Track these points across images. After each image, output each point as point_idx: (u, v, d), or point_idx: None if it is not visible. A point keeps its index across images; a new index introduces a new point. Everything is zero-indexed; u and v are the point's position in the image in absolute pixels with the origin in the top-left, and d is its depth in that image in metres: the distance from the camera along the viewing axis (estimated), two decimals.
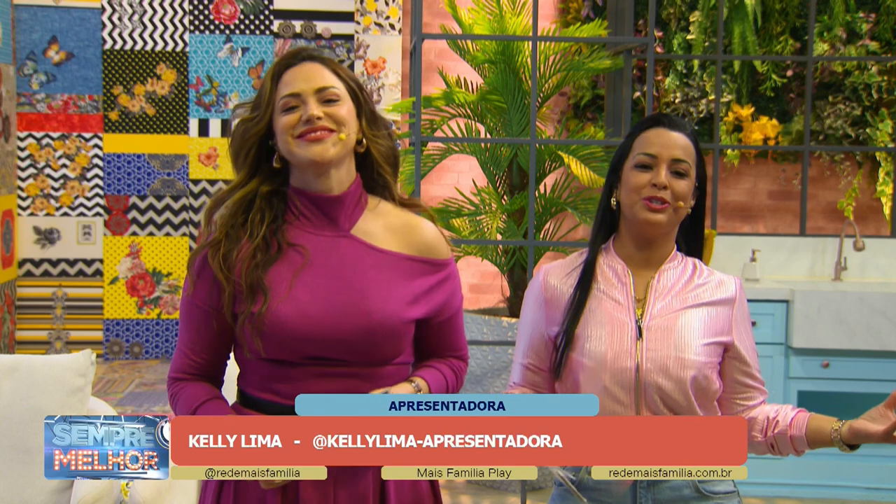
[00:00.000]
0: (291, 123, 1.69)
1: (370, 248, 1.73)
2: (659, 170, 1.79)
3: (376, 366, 1.70)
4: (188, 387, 1.73)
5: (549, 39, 4.18)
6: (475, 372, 4.18)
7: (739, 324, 1.86)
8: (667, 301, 1.83)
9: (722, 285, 1.87)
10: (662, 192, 1.78)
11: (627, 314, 1.82)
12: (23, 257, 5.89)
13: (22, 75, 5.82)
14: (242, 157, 1.74)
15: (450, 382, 1.80)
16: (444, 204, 4.56)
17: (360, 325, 1.67)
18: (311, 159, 1.67)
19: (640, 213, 1.80)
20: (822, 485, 4.12)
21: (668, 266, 1.87)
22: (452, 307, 1.80)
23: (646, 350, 1.79)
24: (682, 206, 1.81)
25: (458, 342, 1.84)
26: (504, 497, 4.11)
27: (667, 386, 1.77)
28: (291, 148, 1.69)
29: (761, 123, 5.19)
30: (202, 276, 1.71)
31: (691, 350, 1.79)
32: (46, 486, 2.54)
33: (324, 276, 1.69)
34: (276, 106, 1.71)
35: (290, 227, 1.73)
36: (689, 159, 1.81)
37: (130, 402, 4.97)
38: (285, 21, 5.88)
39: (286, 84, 1.71)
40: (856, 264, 4.57)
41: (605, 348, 1.80)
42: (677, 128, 1.83)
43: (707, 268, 1.91)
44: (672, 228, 1.85)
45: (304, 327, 1.65)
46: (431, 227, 1.80)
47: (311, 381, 1.68)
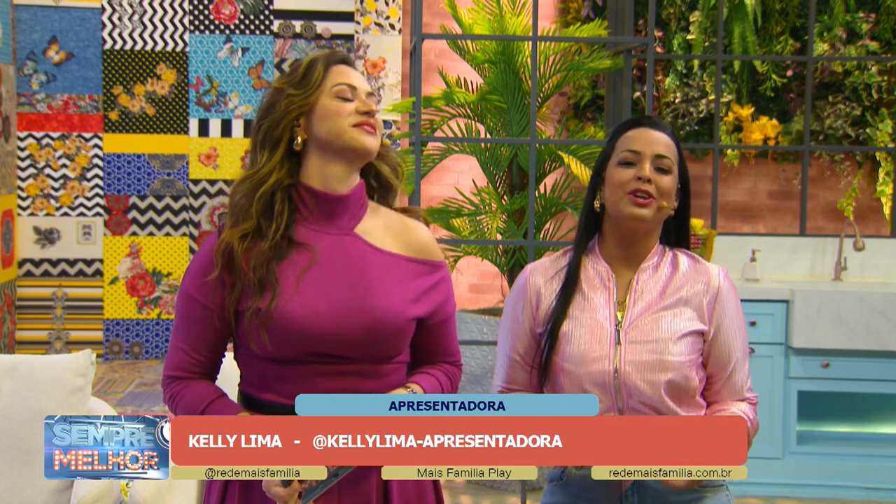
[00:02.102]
0: (349, 111, 1.71)
1: (373, 247, 1.75)
2: (643, 164, 1.82)
3: (378, 363, 1.72)
4: (191, 386, 1.72)
5: (549, 39, 4.18)
6: (475, 372, 4.18)
7: (720, 314, 1.85)
8: (646, 302, 1.84)
9: (704, 276, 1.87)
10: (647, 185, 1.80)
11: (608, 318, 1.84)
12: (23, 257, 5.89)
13: (22, 75, 5.82)
14: (280, 131, 1.72)
15: (445, 388, 1.81)
16: (444, 204, 4.55)
17: (365, 322, 1.68)
18: (365, 148, 1.71)
19: (625, 207, 1.81)
20: (822, 485, 4.12)
21: (647, 264, 1.87)
22: (447, 310, 1.82)
23: (624, 353, 1.80)
24: (666, 204, 1.83)
25: (452, 347, 1.86)
26: (504, 497, 4.11)
27: (645, 389, 1.79)
28: (345, 133, 1.71)
29: (761, 123, 5.19)
30: (209, 271, 1.70)
31: (669, 352, 1.80)
32: (46, 486, 2.54)
33: (330, 274, 1.70)
34: (328, 90, 1.72)
35: (298, 224, 1.73)
36: (672, 157, 1.84)
37: (130, 402, 4.97)
38: (285, 21, 5.88)
39: (341, 73, 1.74)
40: (856, 264, 4.57)
41: (585, 352, 1.82)
42: (658, 127, 1.86)
43: (691, 258, 1.90)
44: (655, 226, 1.86)
45: (313, 324, 1.66)
46: (426, 230, 1.83)
47: (314, 380, 1.68)
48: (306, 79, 1.73)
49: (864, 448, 4.26)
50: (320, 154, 1.72)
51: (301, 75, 1.74)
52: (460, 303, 5.61)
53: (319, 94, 1.72)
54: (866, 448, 4.26)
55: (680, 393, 1.80)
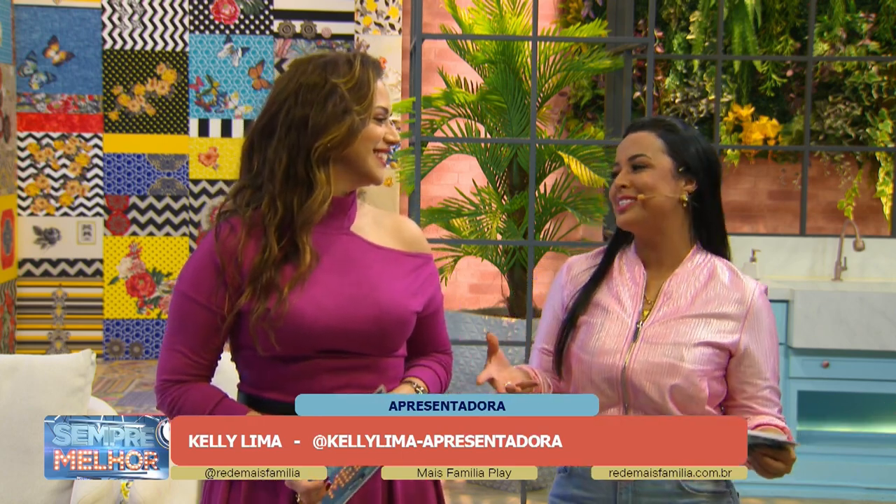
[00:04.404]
0: (380, 136, 1.72)
1: (370, 244, 1.77)
2: (621, 172, 1.87)
3: (381, 357, 1.74)
4: (192, 389, 1.71)
5: (549, 39, 4.18)
6: (475, 372, 4.18)
7: (751, 332, 1.83)
8: (674, 306, 1.84)
9: (738, 291, 1.85)
10: (624, 191, 1.85)
11: (630, 314, 1.85)
12: (23, 257, 5.89)
13: (22, 75, 5.82)
14: (343, 143, 1.68)
15: (442, 379, 1.85)
16: (444, 204, 4.55)
17: (372, 316, 1.70)
18: (378, 179, 1.74)
19: (617, 217, 1.88)
20: (822, 485, 4.12)
21: (682, 269, 1.87)
22: (437, 301, 1.85)
23: (637, 352, 1.81)
24: (646, 196, 1.83)
25: (443, 337, 1.89)
26: (504, 497, 4.11)
27: (650, 390, 1.79)
28: (369, 158, 1.71)
29: (761, 123, 5.19)
30: (208, 272, 1.69)
31: (682, 358, 1.79)
32: (46, 486, 2.54)
33: (333, 271, 1.71)
34: (372, 111, 1.71)
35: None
36: (648, 151, 1.85)
37: (130, 402, 4.97)
38: (285, 21, 5.88)
39: (382, 95, 1.73)
40: (856, 264, 4.57)
41: (600, 344, 1.84)
42: (640, 128, 1.89)
43: (730, 271, 1.89)
44: (657, 222, 1.86)
45: (322, 320, 1.67)
46: (414, 223, 1.87)
47: (318, 376, 1.69)
48: (363, 91, 1.70)
49: (864, 448, 4.26)
50: (337, 165, 1.72)
51: (357, 83, 1.70)
52: (460, 303, 5.61)
53: (370, 115, 1.71)
54: (866, 448, 4.26)
55: (686, 400, 1.80)
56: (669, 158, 1.85)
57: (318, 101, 1.68)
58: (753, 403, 1.84)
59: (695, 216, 1.88)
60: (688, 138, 1.87)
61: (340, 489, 1.62)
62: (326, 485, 1.60)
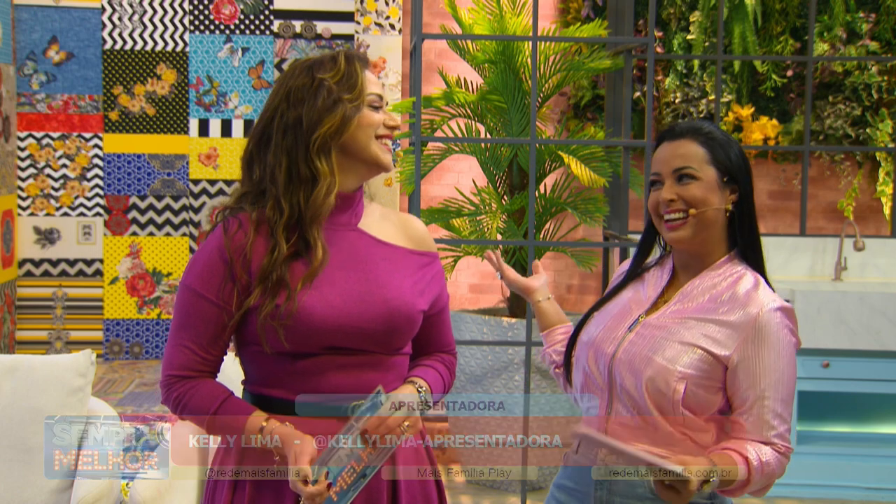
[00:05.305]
0: (379, 122, 1.73)
1: (378, 241, 1.78)
2: (665, 185, 1.82)
3: (388, 355, 1.74)
4: (199, 385, 1.70)
5: (549, 39, 4.18)
6: (475, 372, 4.18)
7: (751, 345, 1.74)
8: (684, 305, 1.82)
9: (749, 305, 1.76)
10: (672, 205, 1.80)
11: (639, 308, 1.86)
12: (23, 257, 5.89)
13: (22, 75, 5.82)
14: (338, 134, 1.70)
15: (445, 379, 1.84)
16: (444, 204, 4.55)
17: (380, 314, 1.70)
18: (386, 164, 1.75)
19: (664, 233, 1.84)
20: (822, 485, 4.12)
21: (709, 273, 1.84)
22: (443, 300, 1.86)
23: (627, 342, 1.81)
24: (699, 211, 1.79)
25: (448, 337, 1.89)
26: (504, 497, 4.11)
27: (627, 381, 1.78)
28: (371, 145, 1.72)
29: (761, 123, 5.19)
30: (217, 268, 1.69)
31: (665, 354, 1.75)
32: (46, 486, 2.54)
33: (341, 269, 1.72)
34: (365, 98, 1.73)
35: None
36: (694, 163, 1.80)
37: (130, 402, 4.97)
38: (285, 21, 5.88)
39: (372, 82, 1.74)
40: (856, 264, 4.57)
41: (601, 332, 1.85)
42: (679, 136, 1.84)
43: (755, 283, 1.80)
44: (706, 233, 1.82)
45: (331, 317, 1.67)
46: (420, 221, 1.88)
47: (324, 373, 1.69)
48: (352, 81, 1.72)
49: (864, 448, 4.26)
50: (340, 157, 1.72)
51: (344, 75, 1.72)
52: (460, 303, 5.61)
53: (362, 102, 1.72)
54: (866, 448, 4.26)
55: (660, 398, 1.74)
56: (714, 168, 1.81)
57: (308, 99, 1.70)
58: (742, 420, 1.75)
59: (731, 222, 1.84)
60: (725, 143, 1.83)
61: (343, 491, 1.62)
62: (329, 486, 1.60)
